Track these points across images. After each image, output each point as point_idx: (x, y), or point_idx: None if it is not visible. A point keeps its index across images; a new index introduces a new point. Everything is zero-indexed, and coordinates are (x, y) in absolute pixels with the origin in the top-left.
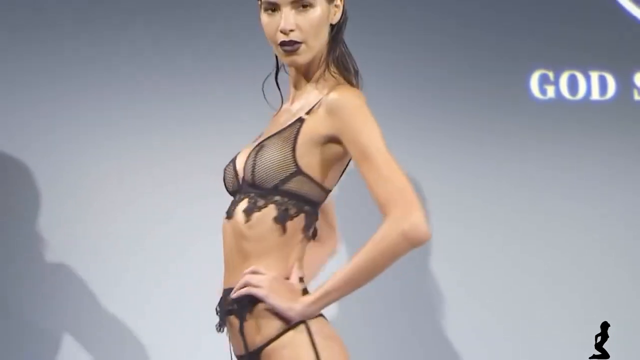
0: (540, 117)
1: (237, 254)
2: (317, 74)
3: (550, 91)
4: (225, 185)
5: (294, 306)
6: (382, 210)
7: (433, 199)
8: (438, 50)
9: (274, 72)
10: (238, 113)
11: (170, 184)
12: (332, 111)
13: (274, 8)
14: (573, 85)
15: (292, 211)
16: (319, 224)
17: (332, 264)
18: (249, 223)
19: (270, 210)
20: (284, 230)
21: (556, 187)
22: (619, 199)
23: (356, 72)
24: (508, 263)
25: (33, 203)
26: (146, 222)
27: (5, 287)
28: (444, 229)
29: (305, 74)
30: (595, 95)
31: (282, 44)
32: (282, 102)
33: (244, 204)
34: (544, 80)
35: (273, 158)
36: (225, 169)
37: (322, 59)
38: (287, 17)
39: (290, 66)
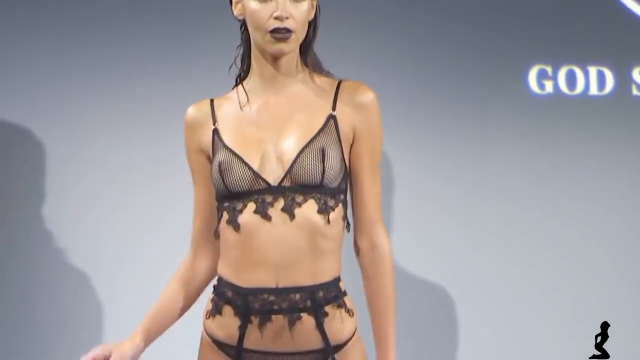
0: (538, 112)
1: (309, 252)
2: (298, 68)
3: (549, 86)
4: (230, 185)
5: None
6: (368, 223)
7: (431, 195)
8: (435, 46)
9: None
10: None
11: None
12: (363, 108)
13: None
14: (571, 80)
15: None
16: None
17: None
18: (330, 223)
19: (340, 210)
20: (345, 226)
21: (554, 182)
22: (618, 194)
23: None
24: (506, 261)
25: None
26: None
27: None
28: (441, 225)
29: (283, 67)
30: (594, 90)
31: (275, 30)
32: (247, 97)
33: (311, 205)
34: (542, 75)
35: (337, 160)
36: (232, 169)
37: (299, 54)
38: (284, 4)
39: (275, 55)
